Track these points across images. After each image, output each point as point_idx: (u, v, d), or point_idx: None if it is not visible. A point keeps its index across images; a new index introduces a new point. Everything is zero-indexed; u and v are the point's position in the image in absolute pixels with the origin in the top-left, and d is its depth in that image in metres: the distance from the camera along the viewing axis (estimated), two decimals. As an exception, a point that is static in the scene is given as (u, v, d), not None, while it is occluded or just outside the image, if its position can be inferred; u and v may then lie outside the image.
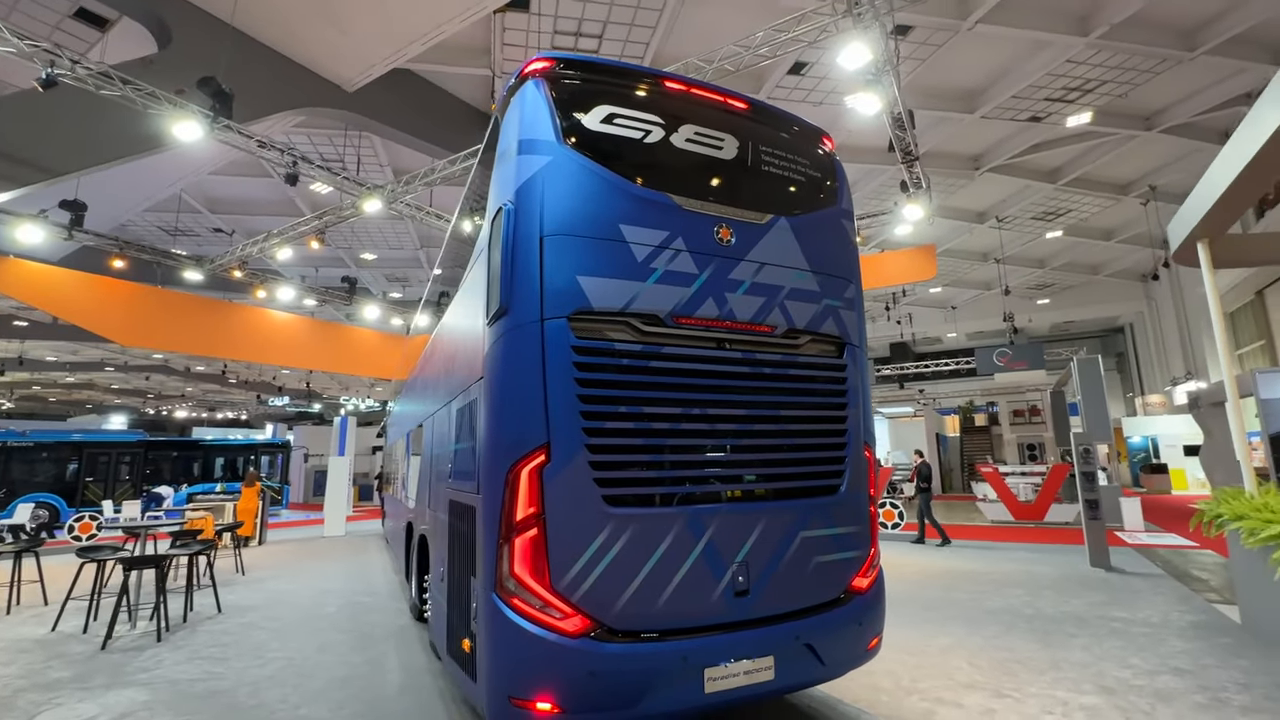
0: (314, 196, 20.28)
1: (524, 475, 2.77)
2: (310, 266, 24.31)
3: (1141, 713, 3.61)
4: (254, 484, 12.05)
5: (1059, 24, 13.69)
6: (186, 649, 5.24)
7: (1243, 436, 5.67)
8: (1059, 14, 13.62)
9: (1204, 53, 14.81)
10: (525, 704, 2.67)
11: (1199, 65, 15.40)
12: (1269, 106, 3.80)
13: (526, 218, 2.97)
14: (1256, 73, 16.17)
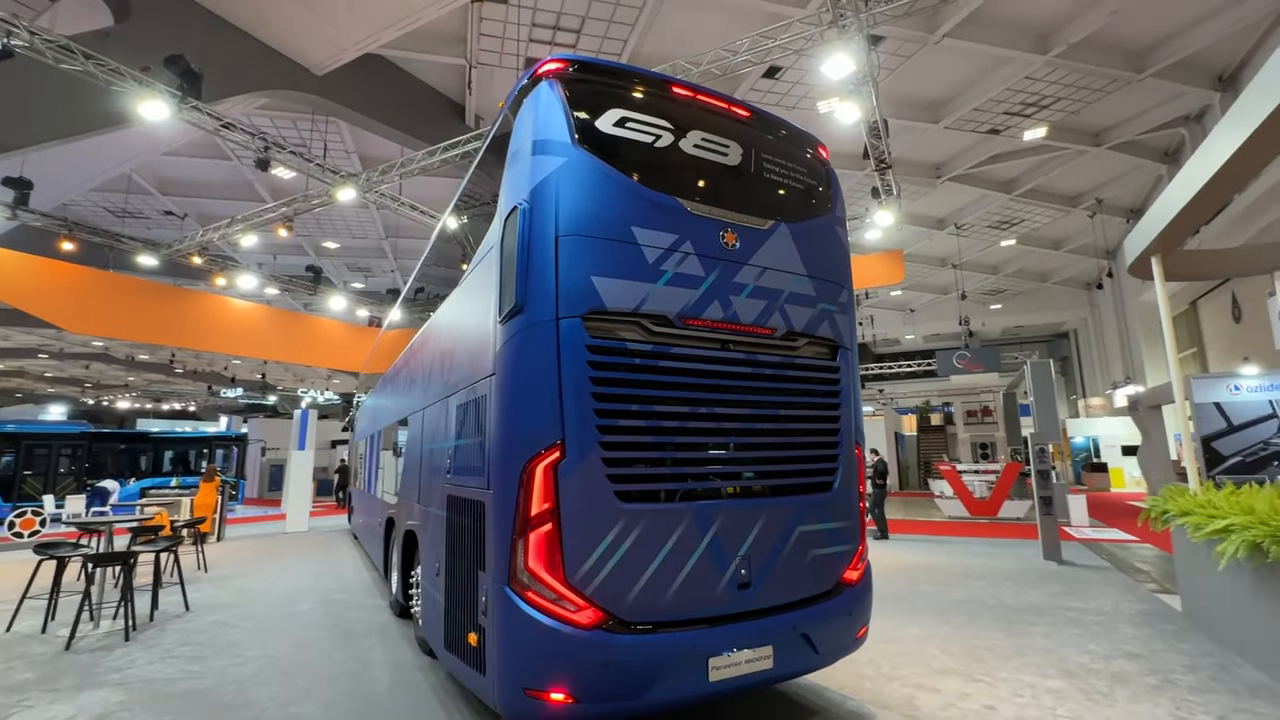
0: (275, 182, 19.62)
1: (539, 471, 2.82)
2: (268, 254, 23.51)
3: (1101, 694, 3.88)
4: (213, 478, 11.65)
5: (1021, 41, 14.29)
6: (158, 648, 5.09)
7: (1189, 438, 6.09)
8: (1021, 32, 14.21)
9: (1150, 75, 15.65)
10: (539, 695, 2.72)
11: (1145, 87, 16.28)
12: (1223, 134, 4.12)
13: (542, 217, 3.00)
14: (1195, 96, 17.22)
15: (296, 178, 18.86)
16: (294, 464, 13.19)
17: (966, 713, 3.64)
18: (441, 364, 4.44)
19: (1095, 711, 3.63)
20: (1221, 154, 4.14)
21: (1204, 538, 4.44)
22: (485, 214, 4.24)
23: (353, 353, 18.28)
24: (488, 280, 3.42)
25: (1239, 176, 4.24)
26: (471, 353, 3.61)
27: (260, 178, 19.28)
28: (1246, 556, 4.00)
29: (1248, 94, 3.84)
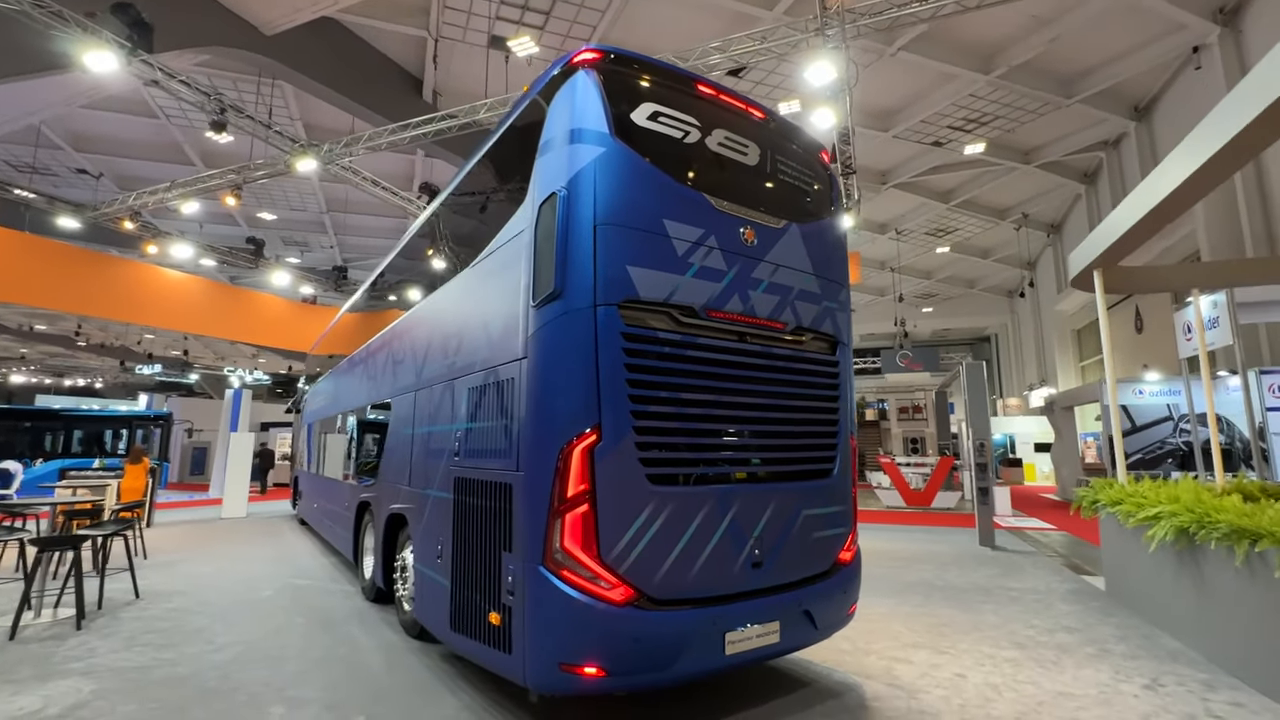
0: (207, 146, 18.42)
1: (576, 454, 2.89)
2: (193, 222, 21.99)
3: (1051, 662, 4.33)
4: (141, 460, 10.90)
5: (968, 60, 15.14)
6: (117, 637, 4.82)
7: (1119, 435, 6.73)
8: (969, 52, 15.05)
9: (1077, 101, 16.91)
10: (574, 669, 2.82)
11: (1072, 112, 17.58)
12: (1174, 164, 4.61)
13: (581, 205, 3.06)
14: (1114, 124, 18.73)
15: (234, 142, 17.78)
16: (233, 447, 12.50)
17: (941, 680, 3.98)
18: (443, 347, 4.40)
19: (1049, 676, 4.05)
20: (1170, 182, 4.63)
21: (1137, 523, 4.99)
22: (471, 200, 4.23)
23: (294, 331, 17.41)
24: (513, 265, 3.44)
25: (1184, 203, 4.77)
26: (491, 336, 3.61)
27: (191, 140, 18.04)
28: (1173, 539, 4.53)
29: (1200, 129, 4.31)
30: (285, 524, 11.72)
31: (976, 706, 3.60)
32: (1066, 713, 3.52)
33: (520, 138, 3.80)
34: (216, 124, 9.31)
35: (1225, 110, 3.97)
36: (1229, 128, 3.81)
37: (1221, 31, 14.05)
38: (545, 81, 3.51)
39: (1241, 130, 3.67)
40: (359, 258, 26.32)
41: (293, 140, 11.10)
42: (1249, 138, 3.71)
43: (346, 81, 13.89)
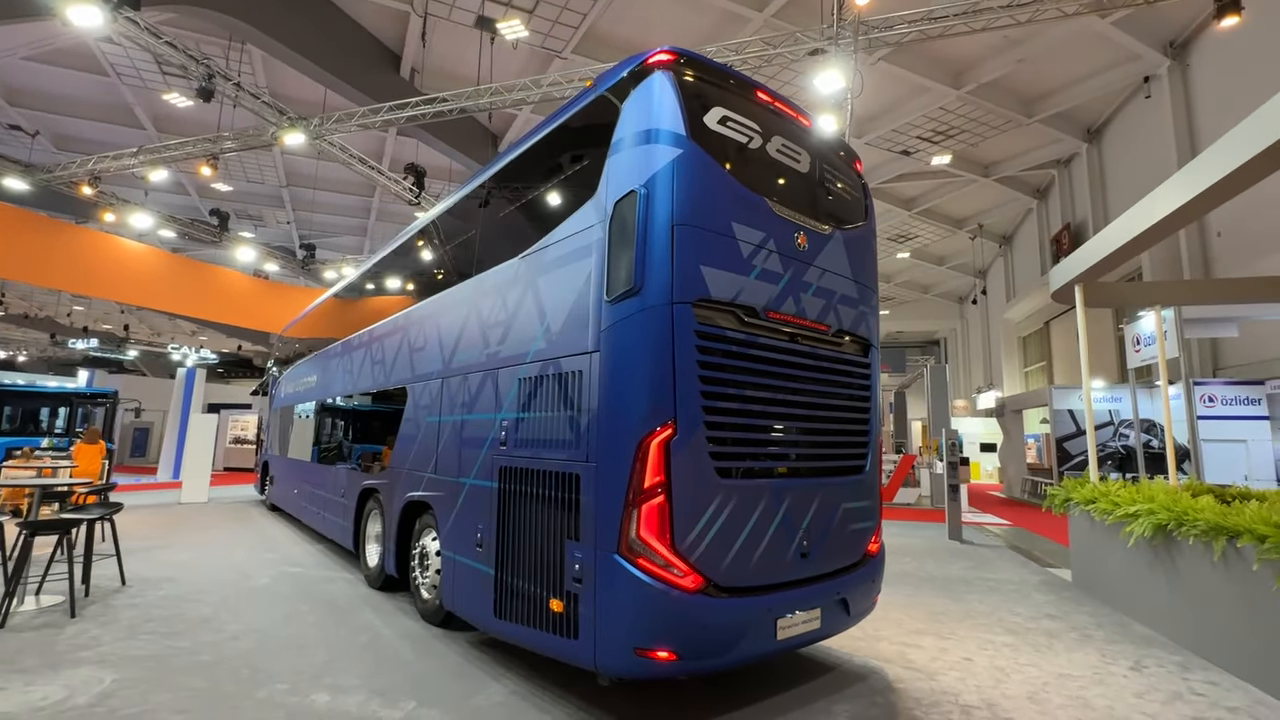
0: (160, 109, 17.42)
1: (653, 447, 2.98)
2: (138, 188, 20.72)
3: (1044, 646, 4.69)
4: (96, 441, 10.31)
5: (941, 75, 15.75)
6: (117, 625, 4.62)
7: (1092, 438, 7.24)
8: (943, 66, 15.66)
9: (1037, 120, 17.84)
10: (648, 654, 2.92)
11: (1031, 130, 18.53)
12: (1170, 191, 5.02)
13: (660, 205, 3.13)
14: (1067, 144, 19.82)
15: (192, 108, 16.86)
16: (193, 428, 11.92)
17: (951, 663, 4.27)
18: (481, 335, 4.38)
19: (1046, 658, 4.40)
20: (1166, 207, 5.04)
21: (1115, 521, 5.43)
22: (516, 190, 4.16)
23: (264, 309, 16.65)
24: (578, 258, 3.48)
25: (1173, 227, 5.21)
26: (550, 327, 3.63)
27: (144, 102, 17.00)
28: (1151, 535, 4.97)
29: (1199, 161, 4.70)
30: (253, 510, 11.30)
31: (990, 686, 3.88)
32: (1070, 691, 3.85)
33: (581, 132, 3.83)
34: (204, 91, 8.81)
35: (1225, 146, 4.36)
36: (1230, 161, 4.20)
37: (1170, 64, 15.07)
38: (616, 79, 3.55)
39: (1241, 165, 4.05)
40: (316, 235, 25.34)
41: (281, 112, 10.58)
42: (1247, 172, 4.10)
43: (321, 51, 13.35)
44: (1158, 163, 15.82)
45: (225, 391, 29.59)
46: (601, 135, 3.56)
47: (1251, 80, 12.99)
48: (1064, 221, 21.08)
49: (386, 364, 6.08)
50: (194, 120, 17.87)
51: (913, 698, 3.69)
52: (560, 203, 3.90)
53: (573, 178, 3.87)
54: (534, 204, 4.28)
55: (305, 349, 9.78)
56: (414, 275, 6.10)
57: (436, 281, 5.52)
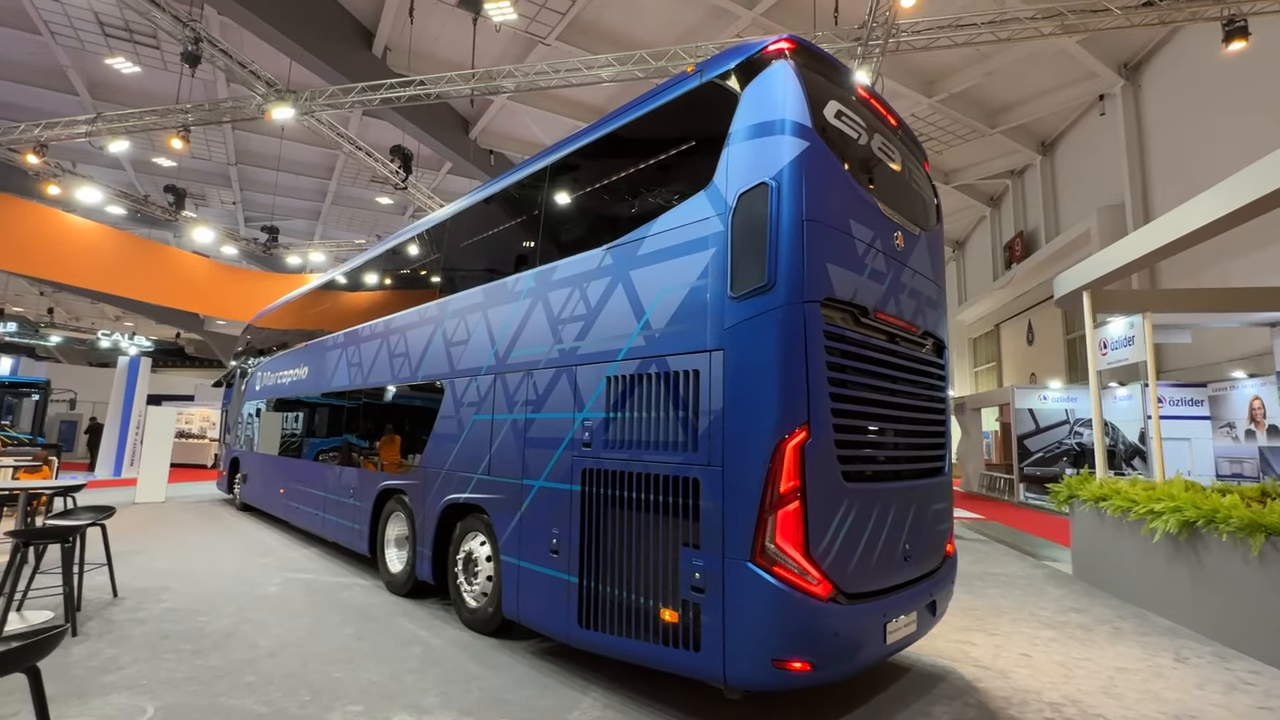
0: (98, 74, 16.01)
1: (789, 451, 2.87)
2: (66, 159, 18.98)
3: (1085, 640, 4.85)
4: (42, 467, 9.37)
5: (915, 83, 16.22)
6: (131, 643, 4.16)
7: (1100, 438, 7.57)
8: (917, 75, 16.12)
9: (998, 132, 18.62)
10: (785, 665, 2.82)
11: (993, 141, 19.33)
12: (1202, 204, 5.27)
13: (792, 199, 3.01)
14: (1023, 156, 20.78)
15: (138, 74, 15.56)
16: (151, 422, 10.98)
17: (1014, 660, 4.36)
18: (550, 329, 4.15)
19: (1095, 652, 4.56)
20: (1180, 229, 5.32)
21: (1137, 517, 5.70)
22: (593, 175, 3.88)
23: (225, 296, 15.47)
24: (688, 251, 3.32)
25: (1184, 245, 5.52)
26: (653, 323, 3.45)
27: (80, 65, 15.55)
28: (1176, 532, 5.23)
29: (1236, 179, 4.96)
30: (221, 509, 10.52)
31: (1063, 682, 3.98)
32: (1136, 684, 3.98)
33: (682, 119, 3.66)
34: (190, 56, 8.04)
35: (1268, 166, 4.61)
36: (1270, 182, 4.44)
37: (1124, 84, 15.99)
38: (729, 66, 3.40)
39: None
40: (262, 217, 23.91)
41: (269, 84, 9.81)
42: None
43: (290, 21, 12.49)
44: (1108, 176, 16.83)
45: (161, 381, 27.55)
46: (709, 123, 3.40)
47: (1196, 104, 13.97)
48: (1017, 230, 22.17)
49: (413, 357, 5.71)
50: (135, 89, 16.51)
51: (1000, 697, 3.73)
52: (658, 192, 3.72)
53: (672, 166, 3.69)
54: (618, 192, 4.06)
55: (290, 339, 9.14)
56: (447, 263, 5.74)
57: (482, 271, 5.21)
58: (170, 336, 35.73)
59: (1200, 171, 13.26)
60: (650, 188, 3.81)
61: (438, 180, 21.29)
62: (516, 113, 17.39)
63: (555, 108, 16.94)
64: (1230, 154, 12.26)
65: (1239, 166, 4.93)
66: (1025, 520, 12.33)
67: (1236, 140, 12.41)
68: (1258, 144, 11.57)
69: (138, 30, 14.19)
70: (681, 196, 3.46)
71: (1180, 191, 14.01)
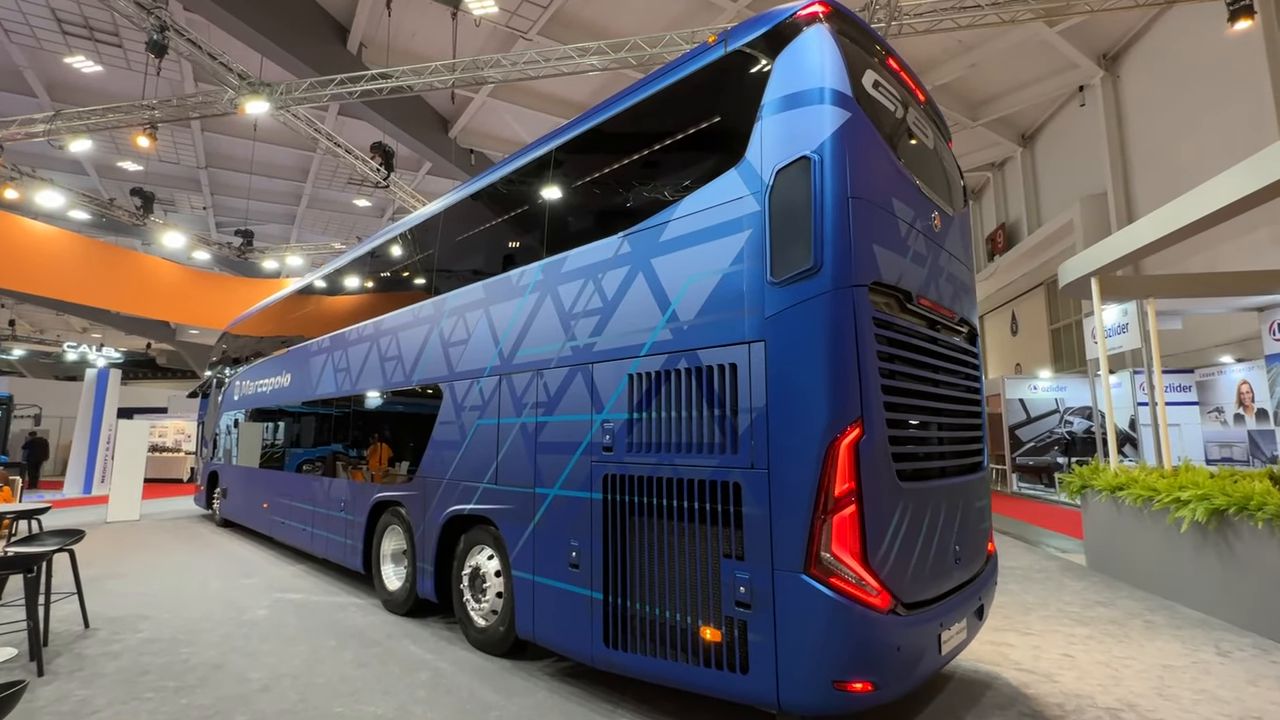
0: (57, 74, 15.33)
1: (843, 449, 2.62)
2: (27, 164, 18.15)
3: (1121, 636, 4.68)
4: (3, 485, 8.80)
5: (901, 75, 16.08)
6: (106, 681, 3.77)
7: (1112, 427, 7.45)
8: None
9: (980, 124, 18.66)
10: (846, 686, 2.56)
11: (975, 133, 19.36)
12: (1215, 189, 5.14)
13: (836, 174, 2.76)
14: (1003, 148, 20.87)
15: (100, 74, 14.92)
16: (123, 436, 10.40)
17: (1056, 661, 4.16)
18: (562, 324, 3.84)
19: (1136, 649, 4.37)
20: (1189, 216, 5.22)
21: (1161, 507, 5.55)
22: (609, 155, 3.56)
23: (199, 303, 14.83)
24: (721, 234, 3.05)
25: (1195, 230, 5.42)
26: (682, 314, 3.17)
27: (36, 66, 14.86)
28: (1205, 520, 5.09)
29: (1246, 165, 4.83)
30: (199, 526, 9.99)
31: (1113, 684, 3.78)
32: (1188, 683, 3.80)
33: (707, 91, 3.38)
34: (156, 45, 7.56)
35: (1274, 153, 4.49)
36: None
37: (1104, 75, 16.09)
38: (758, 33, 3.13)
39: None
40: (235, 222, 23.17)
41: (242, 76, 9.32)
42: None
43: (260, 15, 11.97)
44: (1090, 167, 16.94)
45: (132, 394, 26.60)
46: (737, 95, 3.14)
47: (1173, 94, 14.07)
48: (999, 221, 22.29)
49: (407, 360, 5.36)
50: (96, 89, 15.82)
51: (1053, 704, 3.52)
52: (678, 172, 3.44)
53: (695, 143, 3.41)
54: (634, 173, 3.77)
55: (269, 346, 8.68)
56: (442, 259, 5.39)
57: (480, 266, 4.88)
58: (141, 347, 34.60)
59: (1181, 159, 13.35)
60: (671, 167, 3.53)
61: (417, 180, 20.79)
62: (497, 110, 16.99)
63: (538, 104, 16.58)
64: (1209, 141, 12.35)
65: (1218, 153, 4.86)
66: (1021, 510, 12.30)
67: (1215, 127, 12.48)
68: (1235, 131, 11.66)
69: (98, 27, 13.57)
70: (709, 175, 3.18)
71: (1161, 180, 14.12)
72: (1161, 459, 7.22)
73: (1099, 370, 8.71)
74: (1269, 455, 12.03)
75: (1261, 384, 12.10)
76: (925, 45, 14.96)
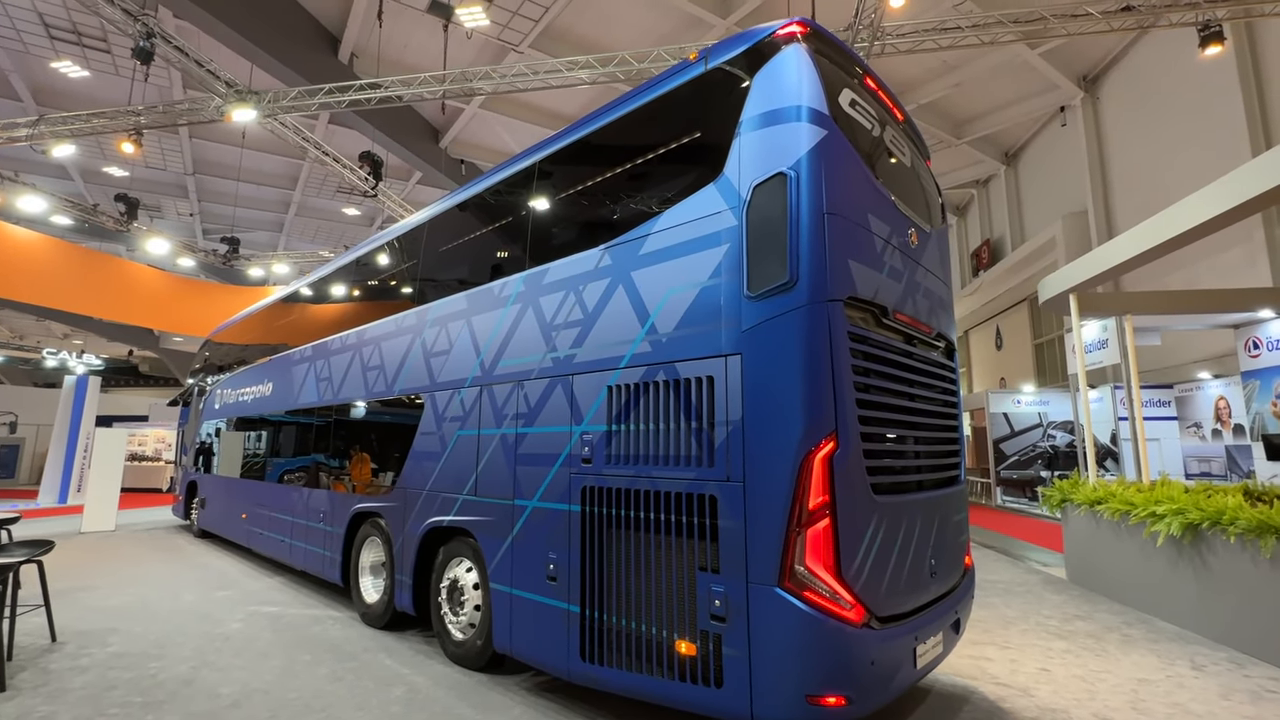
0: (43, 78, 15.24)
1: (817, 463, 2.63)
2: (10, 167, 17.95)
3: (1097, 650, 4.71)
4: None
5: (887, 93, 16.33)
6: (71, 698, 3.68)
7: (1090, 441, 7.54)
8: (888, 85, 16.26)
9: (964, 142, 18.96)
10: (819, 700, 2.56)
11: (959, 151, 19.68)
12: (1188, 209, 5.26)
13: (811, 190, 2.80)
14: (987, 166, 21.20)
15: (87, 79, 14.85)
16: (99, 446, 10.23)
17: (1033, 675, 4.18)
18: (542, 336, 3.85)
19: (1111, 663, 4.40)
20: (1163, 235, 5.33)
21: (1137, 521, 5.61)
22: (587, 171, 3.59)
23: (179, 310, 14.69)
24: (697, 248, 3.08)
25: (1170, 248, 5.54)
26: (659, 328, 3.18)
27: (22, 70, 14.77)
28: (1180, 534, 5.15)
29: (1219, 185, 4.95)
30: (177, 537, 9.82)
31: (1089, 698, 3.80)
32: (1161, 695, 3.83)
33: (687, 107, 3.42)
34: (142, 53, 7.53)
35: (1246, 173, 4.60)
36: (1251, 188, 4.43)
37: (1084, 96, 16.44)
38: (738, 51, 3.18)
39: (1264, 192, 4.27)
40: (222, 229, 23.01)
41: (229, 84, 9.30)
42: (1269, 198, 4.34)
43: (250, 24, 11.98)
44: (1071, 185, 17.26)
45: (113, 402, 26.25)
46: (717, 112, 3.19)
47: (1150, 115, 14.40)
48: (983, 238, 22.62)
49: (389, 370, 5.33)
50: (83, 95, 15.73)
51: (1029, 718, 3.53)
52: (659, 186, 3.47)
53: (676, 158, 3.45)
54: (616, 187, 3.80)
55: (252, 355, 8.60)
56: (426, 269, 5.38)
57: (463, 277, 4.88)
58: (123, 354, 34.17)
59: (1161, 178, 13.62)
60: (652, 182, 3.56)
61: (407, 190, 20.79)
62: (488, 121, 17.08)
63: (528, 116, 16.68)
64: (1190, 161, 12.62)
65: (1194, 173, 5.01)
66: (1005, 524, 12.37)
67: (1191, 148, 12.78)
68: (1215, 151, 11.93)
69: (86, 32, 13.51)
70: (688, 190, 3.21)
71: (1141, 198, 14.40)
72: (1146, 473, 7.30)
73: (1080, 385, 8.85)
74: (1246, 470, 12.20)
75: (1238, 400, 12.30)
76: (910, 65, 15.26)
